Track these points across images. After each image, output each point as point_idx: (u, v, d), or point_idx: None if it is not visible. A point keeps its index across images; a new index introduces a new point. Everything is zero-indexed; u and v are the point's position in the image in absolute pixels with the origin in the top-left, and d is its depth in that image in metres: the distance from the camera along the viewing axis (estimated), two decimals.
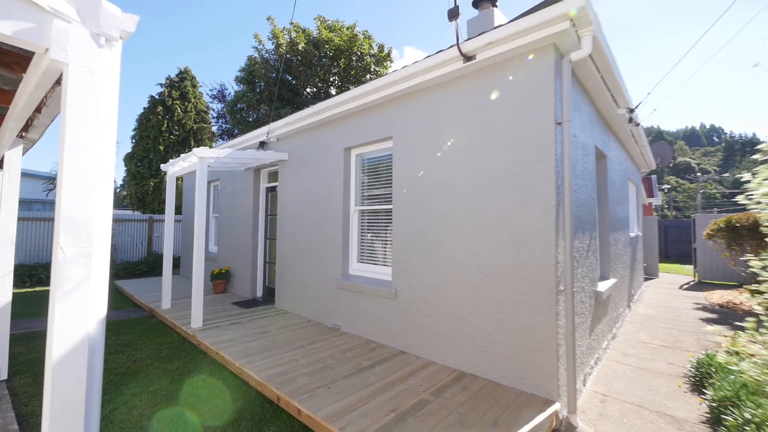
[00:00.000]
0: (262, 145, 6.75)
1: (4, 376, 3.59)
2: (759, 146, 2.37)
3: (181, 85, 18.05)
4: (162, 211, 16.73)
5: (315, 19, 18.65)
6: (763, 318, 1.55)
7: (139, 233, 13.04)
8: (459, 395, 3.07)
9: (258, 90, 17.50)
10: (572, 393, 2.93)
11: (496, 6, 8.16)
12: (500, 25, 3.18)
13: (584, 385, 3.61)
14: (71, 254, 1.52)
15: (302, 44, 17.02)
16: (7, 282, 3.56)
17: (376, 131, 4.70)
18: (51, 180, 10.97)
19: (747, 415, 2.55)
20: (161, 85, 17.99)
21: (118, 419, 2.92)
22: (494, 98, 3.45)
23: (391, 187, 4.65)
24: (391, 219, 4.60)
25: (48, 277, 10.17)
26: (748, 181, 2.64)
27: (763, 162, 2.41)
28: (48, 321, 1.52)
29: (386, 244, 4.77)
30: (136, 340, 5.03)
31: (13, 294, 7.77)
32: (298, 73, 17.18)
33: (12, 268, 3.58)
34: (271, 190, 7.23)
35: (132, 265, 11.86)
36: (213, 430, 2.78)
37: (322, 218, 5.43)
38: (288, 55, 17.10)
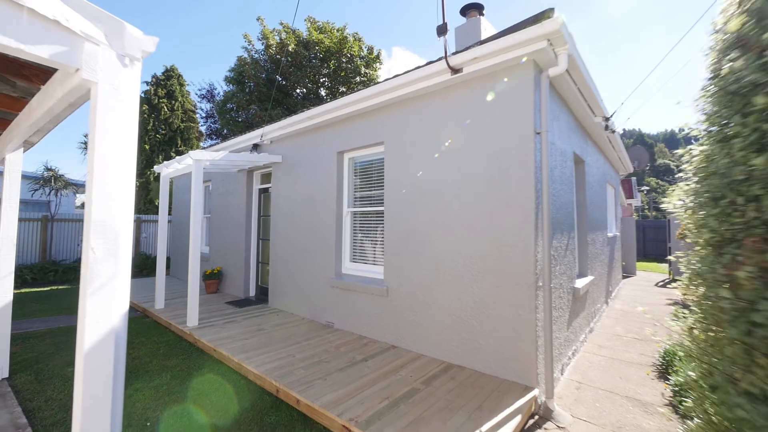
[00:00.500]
0: (256, 147, 6.88)
1: (6, 374, 3.66)
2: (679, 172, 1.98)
3: (167, 83, 17.89)
4: (147, 211, 16.55)
5: (305, 20, 18.74)
6: (690, 305, 1.84)
7: None
8: (447, 384, 3.32)
9: (248, 90, 17.48)
10: (549, 380, 3.20)
11: (483, 15, 8.48)
12: (486, 41, 3.43)
13: (562, 374, 3.90)
14: (100, 254, 1.69)
15: (292, 45, 17.08)
16: (8, 282, 3.64)
17: (368, 136, 4.92)
18: (37, 180, 10.79)
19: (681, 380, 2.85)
20: (147, 83, 17.80)
21: (124, 412, 3.05)
22: (479, 108, 3.71)
23: (382, 188, 4.87)
24: (382, 220, 4.82)
25: (33, 278, 10.04)
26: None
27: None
28: (79, 314, 1.69)
29: (378, 244, 4.98)
30: (132, 339, 5.12)
31: None
32: (288, 74, 17.23)
33: (13, 268, 3.66)
34: (264, 192, 7.36)
35: None
36: (217, 420, 2.95)
37: (316, 219, 5.61)
38: (278, 56, 17.15)
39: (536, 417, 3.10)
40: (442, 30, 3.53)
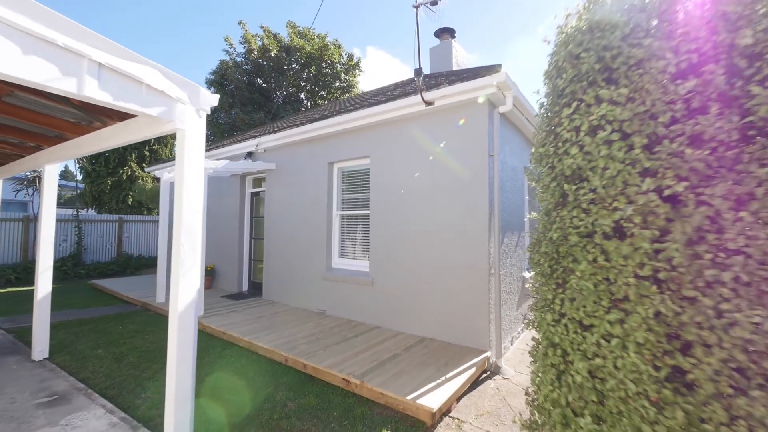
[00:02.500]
0: (250, 154, 7.56)
1: (46, 354, 4.24)
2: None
3: None
4: (120, 210, 16.53)
5: (286, 25, 19.25)
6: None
7: (109, 234, 13.06)
8: (421, 350, 4.25)
9: (229, 92, 17.80)
10: (498, 345, 4.19)
11: (454, 38, 9.55)
12: (453, 81, 4.38)
13: (512, 344, 4.93)
14: (188, 248, 2.48)
15: (275, 51, 17.56)
16: (48, 275, 4.23)
17: (356, 150, 5.77)
18: (21, 181, 10.84)
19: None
20: None
21: (162, 377, 3.76)
22: (447, 132, 4.66)
23: (367, 192, 5.74)
24: (367, 221, 5.70)
25: (17, 278, 10.13)
26: None
27: None
28: (172, 288, 2.46)
29: (364, 242, 5.85)
30: (142, 328, 5.71)
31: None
32: (270, 78, 17.71)
33: (51, 263, 4.25)
34: (256, 195, 8.03)
35: (103, 266, 11.96)
36: (242, 382, 3.73)
37: (308, 221, 6.40)
38: (260, 60, 17.58)
39: (488, 372, 4.08)
40: (418, 73, 4.46)
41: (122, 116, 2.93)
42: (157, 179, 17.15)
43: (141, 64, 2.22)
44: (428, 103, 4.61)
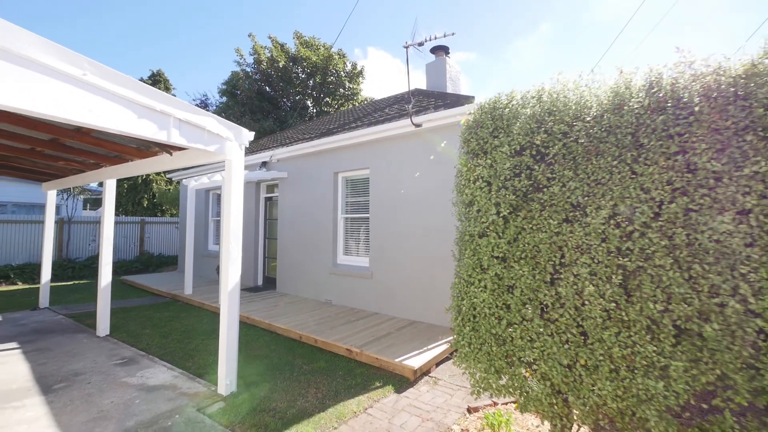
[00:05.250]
0: (265, 164, 8.55)
1: (108, 332, 5.25)
2: None
3: (154, 87, 18.99)
4: (135, 212, 17.68)
5: (293, 36, 20.27)
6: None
7: (132, 234, 14.16)
8: (411, 330, 5.18)
9: (240, 101, 18.87)
10: None
11: (449, 55, 10.46)
12: (439, 107, 5.30)
13: None
14: (234, 244, 3.43)
15: (282, 62, 18.59)
16: (109, 268, 5.23)
17: (357, 162, 6.72)
18: None
19: None
20: None
21: (202, 349, 4.73)
22: (433, 148, 5.59)
23: (367, 196, 6.68)
24: (367, 223, 6.64)
25: (54, 275, 11.20)
26: None
27: None
28: (222, 273, 3.42)
29: (365, 241, 6.79)
30: (176, 315, 6.70)
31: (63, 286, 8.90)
32: (278, 88, 18.74)
33: (111, 259, 5.25)
34: (269, 200, 9.01)
35: (128, 263, 13.04)
36: (267, 352, 4.68)
37: (316, 222, 7.36)
38: (269, 71, 18.63)
39: None
40: (408, 101, 5.39)
41: (180, 147, 3.90)
42: (169, 181, 18.32)
43: (204, 116, 3.18)
44: (417, 125, 5.54)
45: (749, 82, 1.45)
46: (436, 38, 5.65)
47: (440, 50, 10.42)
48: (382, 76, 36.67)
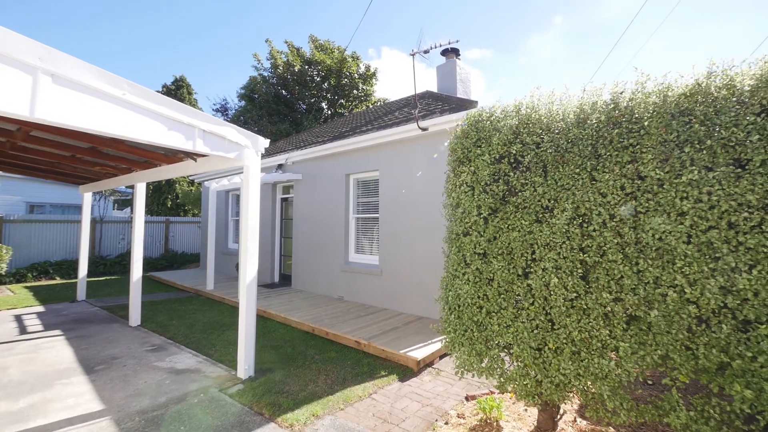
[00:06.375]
0: (280, 166, 8.97)
1: (139, 322, 5.75)
2: None
3: (177, 92, 19.80)
4: (160, 212, 18.59)
5: (308, 40, 20.79)
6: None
7: (158, 233, 14.95)
8: (417, 325, 5.44)
9: (257, 105, 19.52)
10: None
11: (459, 57, 10.63)
12: (444, 112, 5.53)
13: None
14: (251, 242, 3.79)
15: (298, 66, 19.13)
16: (140, 264, 5.73)
17: (368, 165, 7.03)
18: None
19: None
20: (158, 92, 19.78)
21: (223, 339, 5.15)
22: (438, 150, 5.82)
23: (377, 197, 6.98)
24: (377, 223, 6.93)
25: (87, 271, 12.04)
26: None
27: None
28: (241, 268, 3.79)
29: (375, 239, 7.10)
30: (200, 308, 7.19)
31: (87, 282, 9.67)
32: (294, 91, 19.29)
33: (141, 256, 5.74)
34: (285, 200, 9.44)
35: (154, 261, 13.79)
36: (282, 343, 5.05)
37: (329, 222, 7.71)
38: (285, 74, 19.21)
39: None
40: (414, 105, 5.64)
41: (203, 154, 4.29)
42: (191, 183, 19.17)
43: (225, 126, 3.55)
44: (423, 129, 5.80)
45: (691, 100, 1.66)
46: (441, 45, 5.89)
47: (450, 53, 10.59)
48: (396, 75, 36.95)
